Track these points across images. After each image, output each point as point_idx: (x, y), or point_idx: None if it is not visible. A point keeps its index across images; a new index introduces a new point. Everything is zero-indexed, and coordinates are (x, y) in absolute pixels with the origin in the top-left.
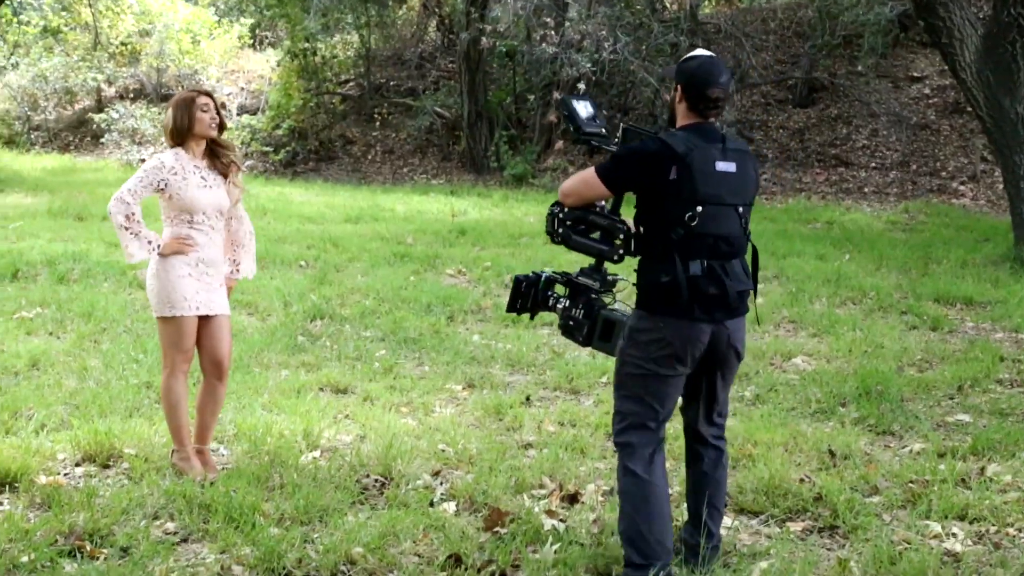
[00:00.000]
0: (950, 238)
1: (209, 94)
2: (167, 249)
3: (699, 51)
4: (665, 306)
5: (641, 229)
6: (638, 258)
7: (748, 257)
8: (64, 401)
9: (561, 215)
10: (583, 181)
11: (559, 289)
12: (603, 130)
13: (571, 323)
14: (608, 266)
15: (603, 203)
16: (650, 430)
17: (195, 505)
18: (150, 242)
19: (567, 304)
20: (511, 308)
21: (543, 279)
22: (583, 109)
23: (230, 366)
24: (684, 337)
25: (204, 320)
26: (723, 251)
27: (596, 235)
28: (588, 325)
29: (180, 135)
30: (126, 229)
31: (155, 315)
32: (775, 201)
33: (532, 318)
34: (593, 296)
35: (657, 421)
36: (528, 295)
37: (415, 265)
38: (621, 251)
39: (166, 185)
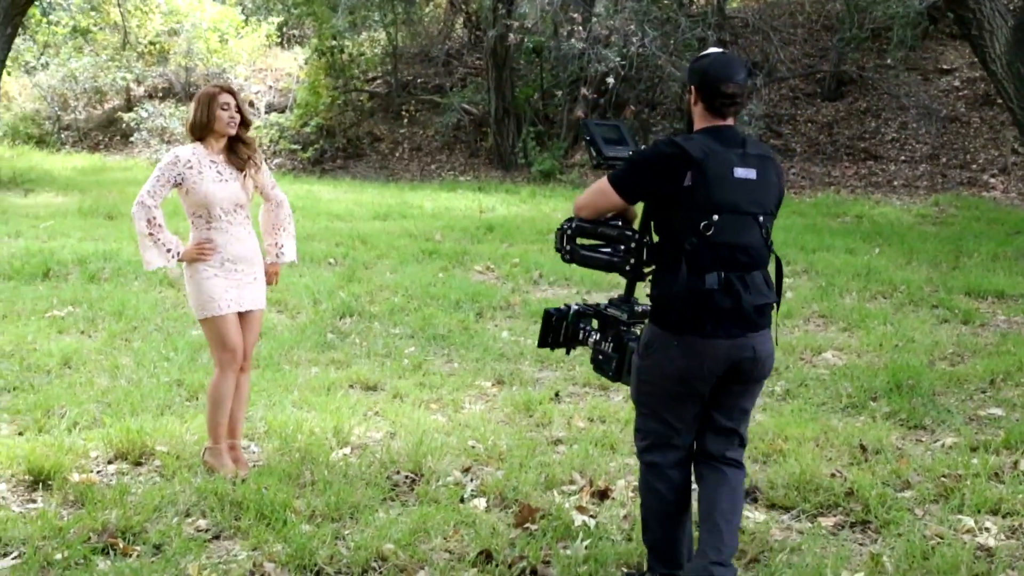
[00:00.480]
0: (981, 231)
1: (232, 91)
2: (186, 256)
3: (711, 49)
4: (679, 323)
5: (655, 240)
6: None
7: (772, 268)
8: (96, 399)
9: (569, 231)
10: (597, 191)
11: (594, 322)
12: (629, 152)
13: (600, 357)
14: (638, 295)
15: (617, 221)
16: (674, 447)
17: (227, 502)
18: (169, 250)
19: (597, 337)
20: (543, 343)
21: (572, 312)
22: (604, 132)
23: (252, 358)
24: (699, 355)
25: (239, 315)
26: (741, 262)
27: (606, 249)
28: (617, 359)
29: (199, 130)
30: (148, 236)
31: (195, 317)
32: (804, 195)
33: (568, 353)
34: (622, 328)
35: (679, 437)
36: (559, 329)
37: (443, 262)
38: (632, 260)
39: (183, 179)
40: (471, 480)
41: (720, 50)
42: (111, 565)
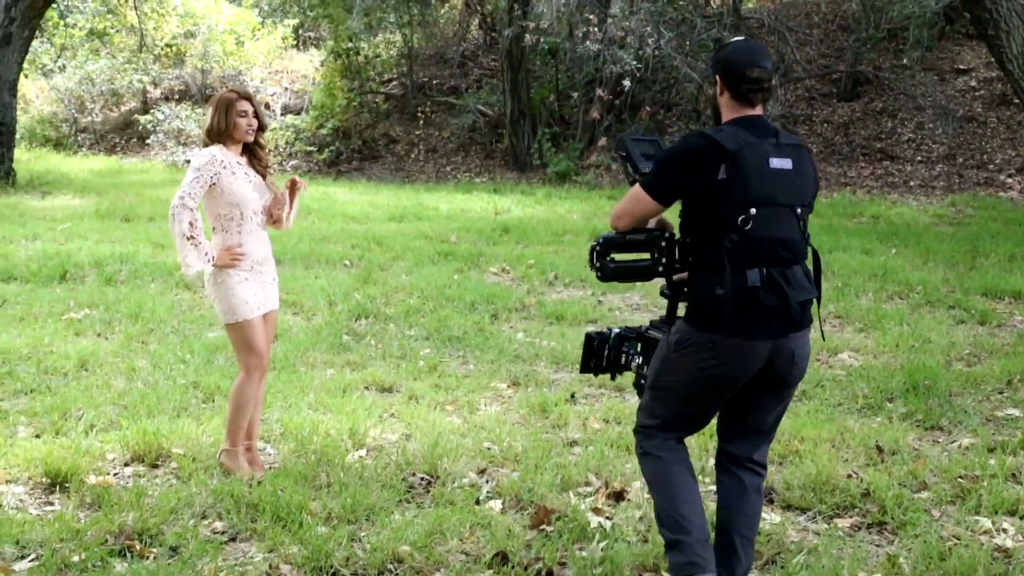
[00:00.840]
0: (998, 231)
1: (249, 97)
2: (219, 261)
3: (734, 39)
4: (718, 323)
5: (688, 237)
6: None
7: (809, 262)
8: (113, 401)
9: (599, 247)
10: (631, 198)
11: (638, 345)
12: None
13: (643, 381)
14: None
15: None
16: (680, 431)
17: (243, 504)
18: (206, 253)
19: (640, 361)
20: (585, 369)
21: (614, 335)
22: (642, 148)
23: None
24: (738, 358)
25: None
26: (782, 257)
27: (640, 256)
28: None
29: (218, 136)
30: (189, 239)
31: (222, 322)
32: (820, 196)
33: (613, 378)
34: None
35: (688, 432)
36: (602, 353)
37: (459, 263)
38: (664, 261)
39: (218, 180)
40: (487, 482)
41: (743, 38)
42: (128, 567)
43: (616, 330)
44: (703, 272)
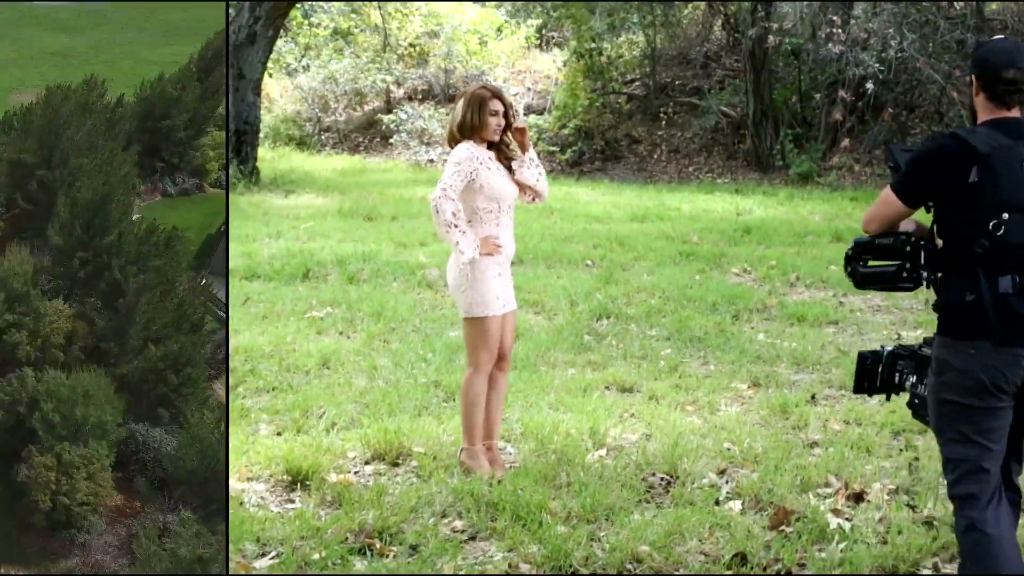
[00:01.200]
0: None
1: (501, 96)
2: (484, 250)
3: (995, 37)
4: (971, 330)
5: (939, 242)
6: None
7: None
8: (354, 400)
9: (851, 252)
10: (881, 200)
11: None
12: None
13: (916, 401)
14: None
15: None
16: (987, 472)
17: (483, 503)
18: (474, 240)
19: (914, 380)
20: (859, 389)
21: (886, 354)
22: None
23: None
24: (996, 365)
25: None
26: None
27: (889, 262)
28: None
29: (469, 132)
30: (455, 226)
31: (464, 316)
32: None
33: (888, 399)
34: None
35: (992, 459)
36: (875, 373)
37: (700, 264)
38: (907, 266)
39: (476, 175)
40: (726, 482)
41: (1003, 36)
42: (368, 565)
43: (889, 348)
44: (954, 277)
